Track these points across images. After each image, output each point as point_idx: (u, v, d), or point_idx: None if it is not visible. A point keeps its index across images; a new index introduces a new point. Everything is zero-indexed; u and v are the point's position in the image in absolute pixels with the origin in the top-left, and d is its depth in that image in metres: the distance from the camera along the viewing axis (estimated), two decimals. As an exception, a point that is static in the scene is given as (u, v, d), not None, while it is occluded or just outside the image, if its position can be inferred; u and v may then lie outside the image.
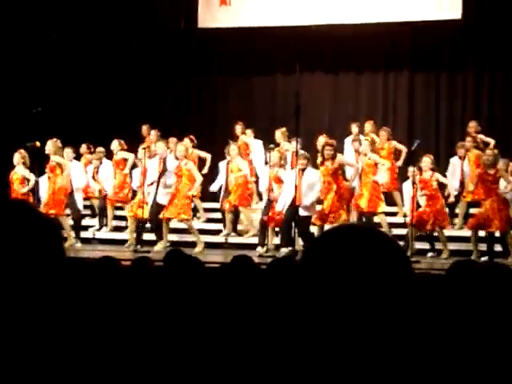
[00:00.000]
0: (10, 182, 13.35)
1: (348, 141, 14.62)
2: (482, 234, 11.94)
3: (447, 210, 12.64)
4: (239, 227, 13.85)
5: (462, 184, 13.34)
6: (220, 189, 14.05)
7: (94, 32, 16.67)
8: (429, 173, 12.30)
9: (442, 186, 12.66)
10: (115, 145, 14.28)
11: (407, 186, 12.84)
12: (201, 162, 14.46)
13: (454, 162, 13.57)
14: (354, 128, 14.64)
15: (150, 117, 15.60)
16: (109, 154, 14.58)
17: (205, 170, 14.23)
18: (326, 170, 12.37)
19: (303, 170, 12.10)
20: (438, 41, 15.71)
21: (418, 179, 12.16)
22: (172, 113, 16.78)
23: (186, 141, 14.15)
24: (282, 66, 16.46)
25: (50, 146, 13.24)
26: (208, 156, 14.59)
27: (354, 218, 12.92)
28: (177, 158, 13.02)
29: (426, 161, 12.31)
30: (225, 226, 13.78)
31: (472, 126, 13.91)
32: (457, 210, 13.42)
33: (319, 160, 12.66)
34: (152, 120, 15.30)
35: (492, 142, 13.61)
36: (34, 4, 16.30)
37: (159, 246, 12.69)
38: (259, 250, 12.43)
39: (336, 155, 12.58)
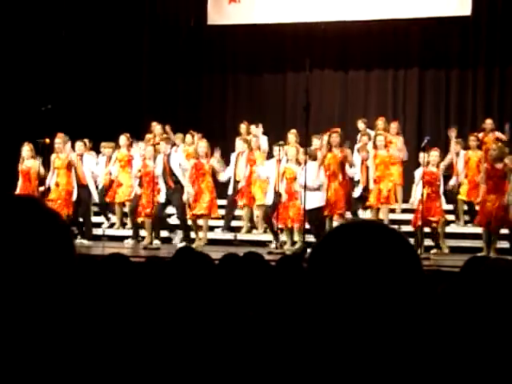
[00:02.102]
0: (21, 176, 13.38)
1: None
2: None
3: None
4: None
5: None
6: (229, 181, 13.99)
7: (103, 30, 16.69)
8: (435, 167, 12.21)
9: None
10: (123, 140, 14.08)
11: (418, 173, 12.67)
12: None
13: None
14: (360, 124, 14.59)
15: (159, 114, 15.61)
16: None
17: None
18: (333, 157, 12.25)
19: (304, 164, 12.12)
20: (448, 37, 15.68)
21: (422, 172, 12.04)
22: (181, 110, 16.80)
23: (188, 137, 14.23)
24: (291, 63, 16.43)
25: (62, 141, 13.27)
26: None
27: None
28: (197, 157, 13.02)
29: (434, 155, 12.18)
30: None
31: (489, 122, 13.97)
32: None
33: (322, 150, 12.62)
34: (162, 118, 15.30)
35: (504, 138, 13.62)
36: (43, 2, 16.34)
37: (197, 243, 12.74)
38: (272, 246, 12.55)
39: (343, 145, 12.52)
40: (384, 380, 1.41)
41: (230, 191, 13.74)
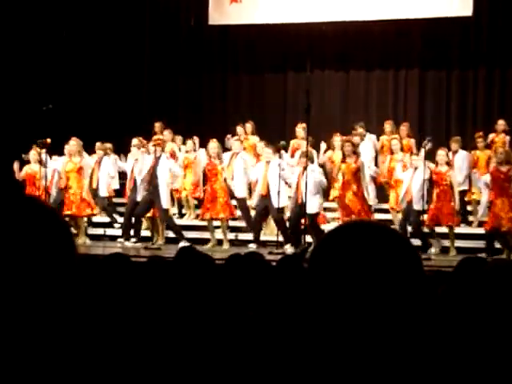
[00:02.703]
0: (26, 179, 13.42)
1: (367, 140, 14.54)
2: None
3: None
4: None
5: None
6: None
7: (104, 30, 16.70)
8: (445, 167, 12.13)
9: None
10: (135, 142, 13.81)
11: (406, 176, 12.52)
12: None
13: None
14: (359, 129, 14.56)
15: (160, 115, 15.61)
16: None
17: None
18: (347, 167, 12.11)
19: (304, 168, 11.93)
20: (449, 38, 15.69)
21: (430, 171, 11.97)
22: (182, 109, 16.80)
23: (190, 142, 14.18)
24: (292, 64, 16.44)
25: (74, 145, 13.33)
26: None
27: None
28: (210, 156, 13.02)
29: (442, 154, 12.11)
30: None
31: (501, 123, 14.02)
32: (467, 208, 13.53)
33: (333, 156, 12.55)
34: (163, 118, 15.30)
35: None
36: (44, 3, 16.35)
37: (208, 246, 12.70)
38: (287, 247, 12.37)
39: (357, 153, 12.35)
40: (384, 380, 1.41)
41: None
